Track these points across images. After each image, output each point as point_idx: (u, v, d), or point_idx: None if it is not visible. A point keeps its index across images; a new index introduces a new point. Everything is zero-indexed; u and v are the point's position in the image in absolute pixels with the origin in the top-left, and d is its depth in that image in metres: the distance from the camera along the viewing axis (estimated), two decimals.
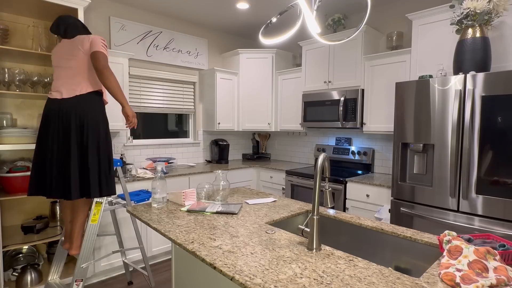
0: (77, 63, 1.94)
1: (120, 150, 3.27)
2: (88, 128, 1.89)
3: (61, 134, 1.87)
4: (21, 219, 2.58)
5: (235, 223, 1.49)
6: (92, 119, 1.91)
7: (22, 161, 2.45)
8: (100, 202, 2.05)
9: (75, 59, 1.94)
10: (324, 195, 1.45)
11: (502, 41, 2.14)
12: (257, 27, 3.99)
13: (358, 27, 1.49)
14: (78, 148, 1.87)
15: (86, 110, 1.90)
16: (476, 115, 1.96)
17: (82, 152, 1.88)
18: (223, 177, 1.90)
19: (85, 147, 1.88)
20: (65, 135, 1.87)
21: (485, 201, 1.95)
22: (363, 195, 2.75)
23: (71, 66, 1.94)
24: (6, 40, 2.41)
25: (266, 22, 2.05)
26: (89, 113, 1.90)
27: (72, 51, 1.96)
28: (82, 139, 1.88)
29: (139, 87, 3.45)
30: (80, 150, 1.88)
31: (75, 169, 1.85)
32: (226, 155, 3.96)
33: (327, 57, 3.28)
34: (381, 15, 3.23)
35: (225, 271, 1.00)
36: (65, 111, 1.87)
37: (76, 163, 1.86)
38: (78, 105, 1.89)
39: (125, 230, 2.74)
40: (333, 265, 1.05)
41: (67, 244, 2.06)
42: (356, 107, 3.00)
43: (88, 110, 1.90)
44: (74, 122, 1.86)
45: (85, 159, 1.88)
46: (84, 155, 1.88)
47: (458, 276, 0.92)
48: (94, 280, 2.64)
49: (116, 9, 3.21)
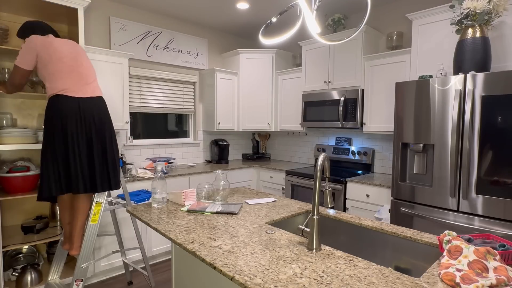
0: (88, 63, 2.10)
1: (120, 150, 3.27)
2: (107, 125, 2.05)
3: (89, 132, 1.96)
4: (21, 219, 2.58)
5: (235, 223, 1.49)
6: (109, 117, 2.09)
7: (22, 161, 2.45)
8: (100, 202, 2.05)
9: (86, 59, 2.08)
10: (324, 195, 1.45)
11: (502, 41, 2.14)
12: (257, 27, 3.99)
13: (358, 27, 1.49)
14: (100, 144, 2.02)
15: (105, 110, 2.08)
16: (476, 115, 1.96)
17: (103, 148, 2.02)
18: (223, 177, 1.90)
19: (105, 143, 2.03)
20: (94, 133, 1.98)
21: (485, 201, 1.95)
22: (363, 195, 2.75)
23: (84, 66, 2.04)
24: (6, 40, 2.41)
25: (266, 22, 2.05)
26: (106, 112, 2.09)
27: (77, 49, 2.05)
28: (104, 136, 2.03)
29: (139, 87, 3.45)
30: (102, 146, 2.02)
31: (100, 164, 2.01)
32: (226, 155, 3.96)
33: (327, 57, 3.28)
34: (381, 15, 3.23)
35: (225, 271, 1.00)
36: (90, 109, 1.97)
37: (100, 158, 2.00)
38: (100, 104, 2.04)
39: (125, 230, 2.74)
40: (333, 265, 1.05)
41: (67, 244, 2.06)
42: (356, 107, 3.00)
43: (106, 109, 2.09)
44: (99, 120, 2.00)
45: (105, 154, 2.02)
46: (104, 151, 2.02)
47: (458, 276, 0.92)
48: (94, 280, 2.64)
49: (116, 9, 3.21)
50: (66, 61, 1.95)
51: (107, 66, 2.82)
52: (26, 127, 2.57)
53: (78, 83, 1.96)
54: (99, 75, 2.76)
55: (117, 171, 2.08)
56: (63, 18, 2.59)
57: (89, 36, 3.03)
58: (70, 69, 1.96)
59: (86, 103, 1.96)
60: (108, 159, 2.02)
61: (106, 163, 2.02)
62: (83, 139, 1.93)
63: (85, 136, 1.94)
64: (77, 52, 2.05)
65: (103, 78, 2.80)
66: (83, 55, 2.08)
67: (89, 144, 1.96)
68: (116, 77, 2.88)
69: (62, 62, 1.94)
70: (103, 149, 2.01)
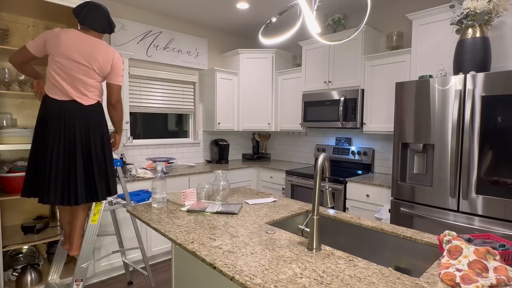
0: (93, 73, 1.89)
1: (120, 150, 3.27)
2: (96, 133, 1.93)
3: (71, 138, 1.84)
4: (21, 219, 2.58)
5: (235, 223, 1.49)
6: (100, 125, 1.95)
7: (22, 161, 2.45)
8: (100, 202, 2.05)
9: (92, 67, 1.87)
10: (324, 195, 1.45)
11: (502, 41, 2.14)
12: (257, 27, 3.99)
13: (358, 27, 1.49)
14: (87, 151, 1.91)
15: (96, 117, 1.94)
16: (476, 115, 1.96)
17: (88, 157, 1.89)
18: (223, 177, 1.90)
19: (90, 152, 1.90)
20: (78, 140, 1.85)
21: (485, 201, 1.95)
22: (363, 195, 2.75)
23: (86, 71, 1.85)
24: (6, 40, 2.41)
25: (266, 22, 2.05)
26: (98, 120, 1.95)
27: (90, 54, 1.85)
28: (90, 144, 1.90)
29: (139, 87, 3.45)
30: (87, 155, 1.90)
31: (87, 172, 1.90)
32: (226, 155, 3.96)
33: (327, 57, 3.28)
34: (381, 15, 3.23)
35: (225, 271, 1.00)
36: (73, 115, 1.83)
37: (84, 167, 1.87)
38: (90, 111, 1.89)
39: (125, 230, 2.74)
40: (333, 265, 1.05)
41: (67, 245, 2.06)
42: (356, 107, 3.00)
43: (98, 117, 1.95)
44: (85, 127, 1.87)
45: (90, 163, 1.89)
46: (89, 160, 1.89)
47: (458, 276, 0.92)
48: (94, 280, 2.64)
49: (116, 9, 3.21)
50: (62, 60, 1.80)
51: None
52: (26, 127, 2.57)
53: (67, 86, 1.81)
54: None
55: (106, 181, 1.94)
56: (63, 18, 2.59)
57: None
58: (63, 69, 1.80)
59: (69, 108, 1.81)
60: (93, 169, 1.87)
61: (92, 173, 1.87)
62: (62, 145, 1.79)
63: (64, 142, 1.80)
64: (86, 52, 1.84)
65: None
66: (94, 57, 1.86)
67: (71, 152, 1.82)
68: None
69: (59, 60, 1.81)
70: (87, 158, 1.86)
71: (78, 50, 1.83)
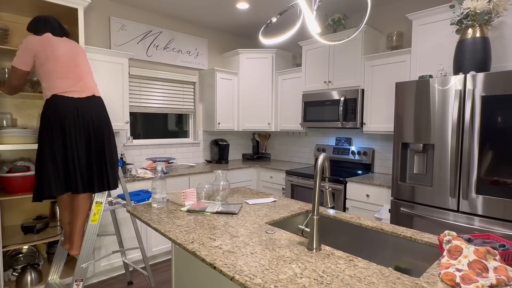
0: (86, 63, 2.09)
1: (120, 150, 3.27)
2: (105, 125, 2.05)
3: (87, 132, 1.97)
4: (21, 219, 2.58)
5: (235, 223, 1.49)
6: (107, 117, 2.09)
7: (22, 161, 2.45)
8: (100, 202, 2.05)
9: (83, 59, 2.08)
10: (324, 195, 1.45)
11: (502, 41, 2.14)
12: (257, 27, 3.99)
13: (358, 27, 1.49)
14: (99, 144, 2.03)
15: (103, 109, 2.08)
16: (476, 115, 1.96)
17: (101, 148, 2.02)
18: (223, 177, 1.90)
19: (102, 143, 2.03)
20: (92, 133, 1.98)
21: (485, 201, 1.95)
22: (363, 195, 2.75)
23: (82, 66, 2.04)
24: (6, 40, 2.41)
25: (266, 22, 2.05)
26: (104, 112, 2.08)
27: (76, 49, 2.05)
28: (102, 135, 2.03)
29: (139, 87, 3.45)
30: (100, 146, 2.02)
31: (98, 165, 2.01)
32: (226, 155, 3.96)
33: (327, 57, 3.28)
34: (381, 15, 3.23)
35: (225, 271, 1.00)
36: (88, 110, 1.97)
37: (98, 158, 2.00)
38: (98, 104, 2.04)
39: (125, 230, 2.74)
40: (333, 265, 1.05)
41: (67, 244, 2.06)
42: (356, 107, 3.00)
43: (103, 109, 2.09)
44: (97, 120, 2.00)
45: (103, 154, 2.01)
46: (102, 151, 2.02)
47: (458, 276, 0.92)
48: (94, 280, 2.64)
49: (116, 9, 3.21)
50: (63, 60, 1.94)
51: (107, 66, 2.82)
52: (26, 127, 2.57)
53: (75, 84, 1.95)
54: (99, 75, 2.76)
55: (115, 171, 2.08)
56: (63, 18, 2.59)
57: (89, 36, 3.03)
58: (67, 69, 1.95)
59: (83, 104, 1.95)
60: (106, 159, 2.01)
61: (105, 163, 2.01)
62: (82, 139, 1.93)
63: (83, 136, 1.94)
64: (75, 51, 2.04)
65: (103, 78, 2.80)
66: (81, 55, 2.07)
67: (87, 145, 1.96)
68: (116, 77, 2.88)
69: (59, 61, 1.93)
70: (101, 149, 2.00)
71: (68, 49, 2.02)
